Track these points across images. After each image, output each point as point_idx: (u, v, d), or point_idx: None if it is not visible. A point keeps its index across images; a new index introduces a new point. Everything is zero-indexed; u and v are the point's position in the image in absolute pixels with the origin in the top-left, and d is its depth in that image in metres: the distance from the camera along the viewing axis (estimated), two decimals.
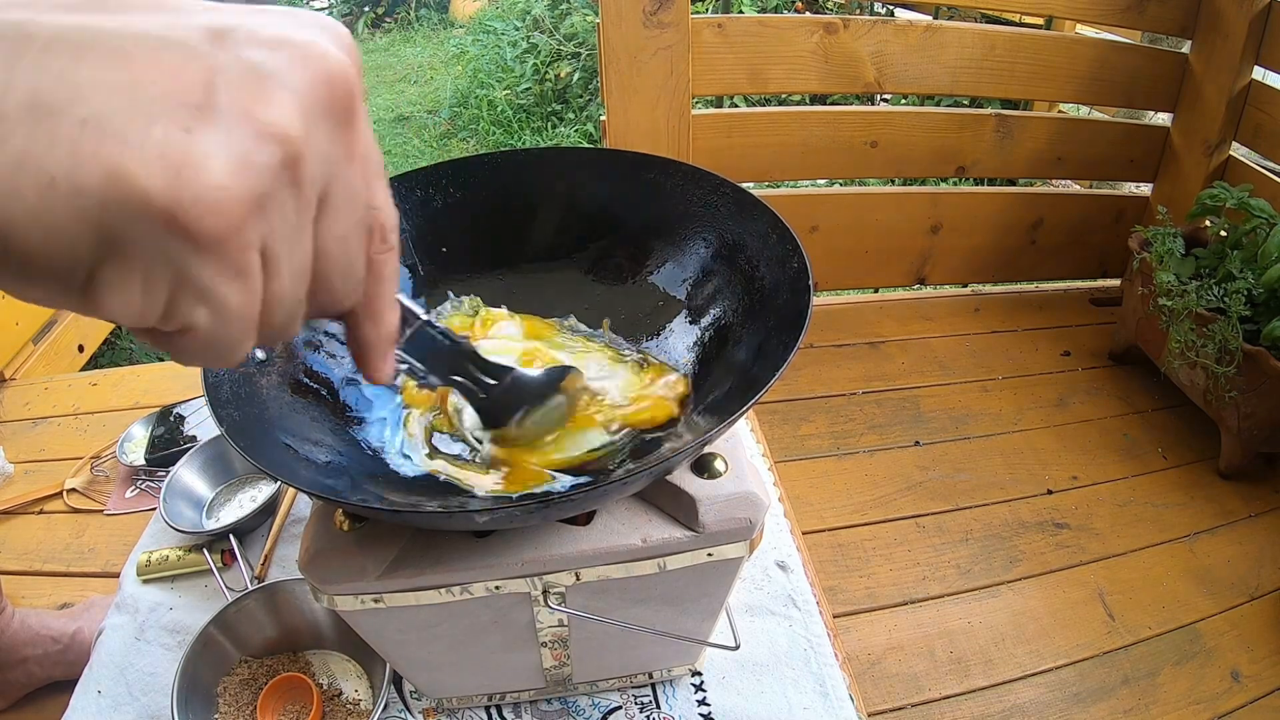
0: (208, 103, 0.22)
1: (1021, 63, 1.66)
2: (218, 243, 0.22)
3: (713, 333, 0.77)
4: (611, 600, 0.66)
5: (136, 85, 0.21)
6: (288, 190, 0.24)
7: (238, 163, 0.22)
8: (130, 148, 0.20)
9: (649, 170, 0.82)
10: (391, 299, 0.32)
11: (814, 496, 1.36)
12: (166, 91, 0.21)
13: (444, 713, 0.82)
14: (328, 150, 0.25)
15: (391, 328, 0.32)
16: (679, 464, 0.58)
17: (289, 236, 0.24)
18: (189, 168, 0.21)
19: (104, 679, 0.86)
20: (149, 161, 0.21)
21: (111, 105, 0.20)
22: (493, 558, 0.60)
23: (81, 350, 1.95)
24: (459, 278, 0.79)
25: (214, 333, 0.24)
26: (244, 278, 0.23)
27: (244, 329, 0.24)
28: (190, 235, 0.21)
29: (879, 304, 1.92)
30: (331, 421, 0.67)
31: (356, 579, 0.59)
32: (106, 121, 0.20)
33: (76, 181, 0.20)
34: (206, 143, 0.21)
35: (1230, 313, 1.28)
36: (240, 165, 0.22)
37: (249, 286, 0.24)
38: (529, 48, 4.12)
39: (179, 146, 0.21)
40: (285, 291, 0.25)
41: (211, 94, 0.22)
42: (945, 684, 1.07)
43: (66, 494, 1.26)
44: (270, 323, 0.26)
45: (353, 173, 0.26)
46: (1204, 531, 1.31)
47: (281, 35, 0.24)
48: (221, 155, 0.22)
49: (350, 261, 0.28)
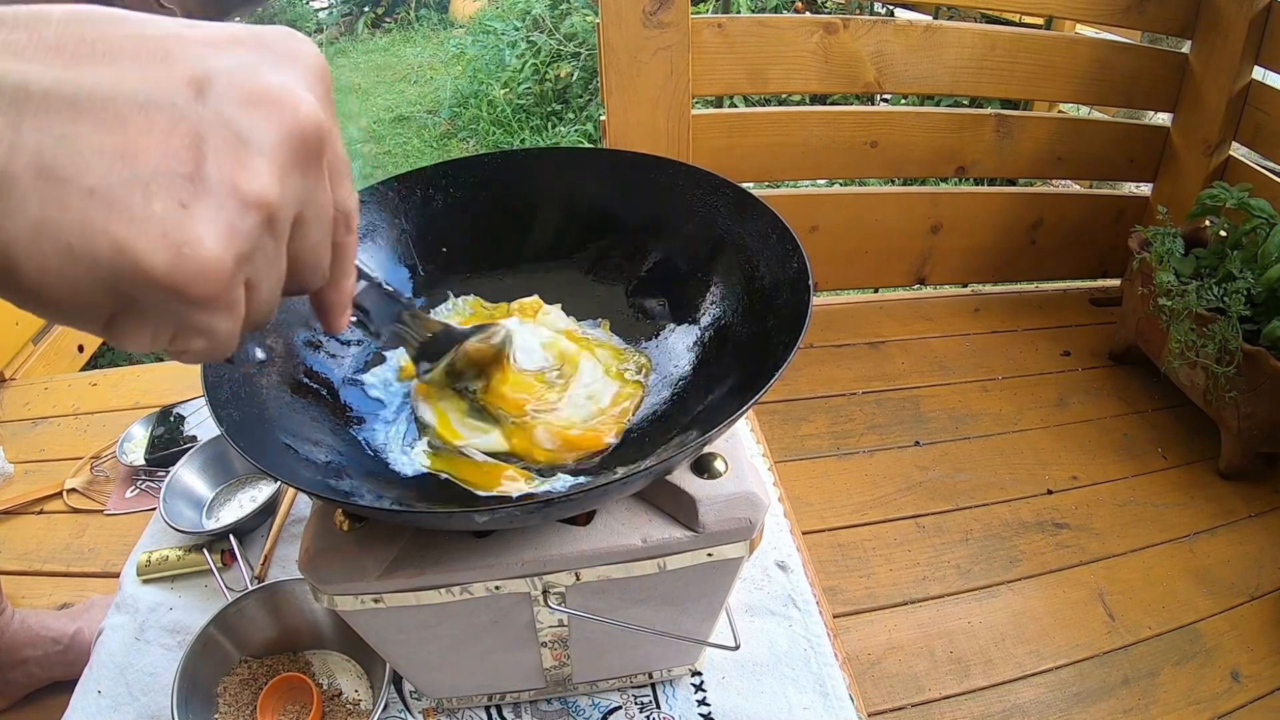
0: (197, 173, 0.25)
1: (1022, 63, 1.66)
2: (213, 297, 0.26)
3: (713, 333, 0.76)
4: (611, 600, 0.66)
5: (133, 154, 0.24)
6: (268, 237, 0.28)
7: (227, 233, 0.25)
8: (135, 224, 0.24)
9: (649, 170, 0.82)
10: (351, 270, 0.36)
11: (814, 496, 1.36)
12: (160, 161, 0.24)
13: (444, 713, 0.82)
14: (300, 189, 0.28)
15: (349, 292, 0.37)
16: (679, 464, 0.58)
17: (268, 264, 0.29)
18: (188, 245, 0.25)
19: (104, 679, 0.86)
20: (153, 239, 0.24)
21: (113, 176, 0.24)
22: (493, 558, 0.60)
23: (81, 350, 1.95)
24: (459, 277, 0.79)
25: (208, 350, 0.28)
26: (233, 309, 0.27)
27: (232, 339, 0.29)
28: (191, 299, 0.25)
29: (879, 304, 1.92)
30: (331, 421, 0.67)
31: (356, 579, 0.59)
32: (111, 193, 0.24)
33: (91, 251, 0.23)
34: (200, 219, 0.25)
35: (1230, 313, 1.28)
36: (229, 234, 0.26)
37: (237, 314, 0.28)
38: (529, 47, 4.12)
39: (177, 224, 0.24)
40: (265, 299, 0.30)
41: (200, 163, 0.25)
42: (945, 684, 1.07)
43: (66, 494, 1.26)
44: (252, 323, 0.30)
45: (321, 192, 0.30)
46: (1204, 531, 1.31)
47: (257, 88, 0.27)
48: (213, 229, 0.25)
49: (319, 259, 0.32)
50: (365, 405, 0.70)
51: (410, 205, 0.80)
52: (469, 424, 0.64)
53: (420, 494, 0.61)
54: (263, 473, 0.85)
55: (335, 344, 0.73)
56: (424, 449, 0.64)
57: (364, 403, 0.70)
